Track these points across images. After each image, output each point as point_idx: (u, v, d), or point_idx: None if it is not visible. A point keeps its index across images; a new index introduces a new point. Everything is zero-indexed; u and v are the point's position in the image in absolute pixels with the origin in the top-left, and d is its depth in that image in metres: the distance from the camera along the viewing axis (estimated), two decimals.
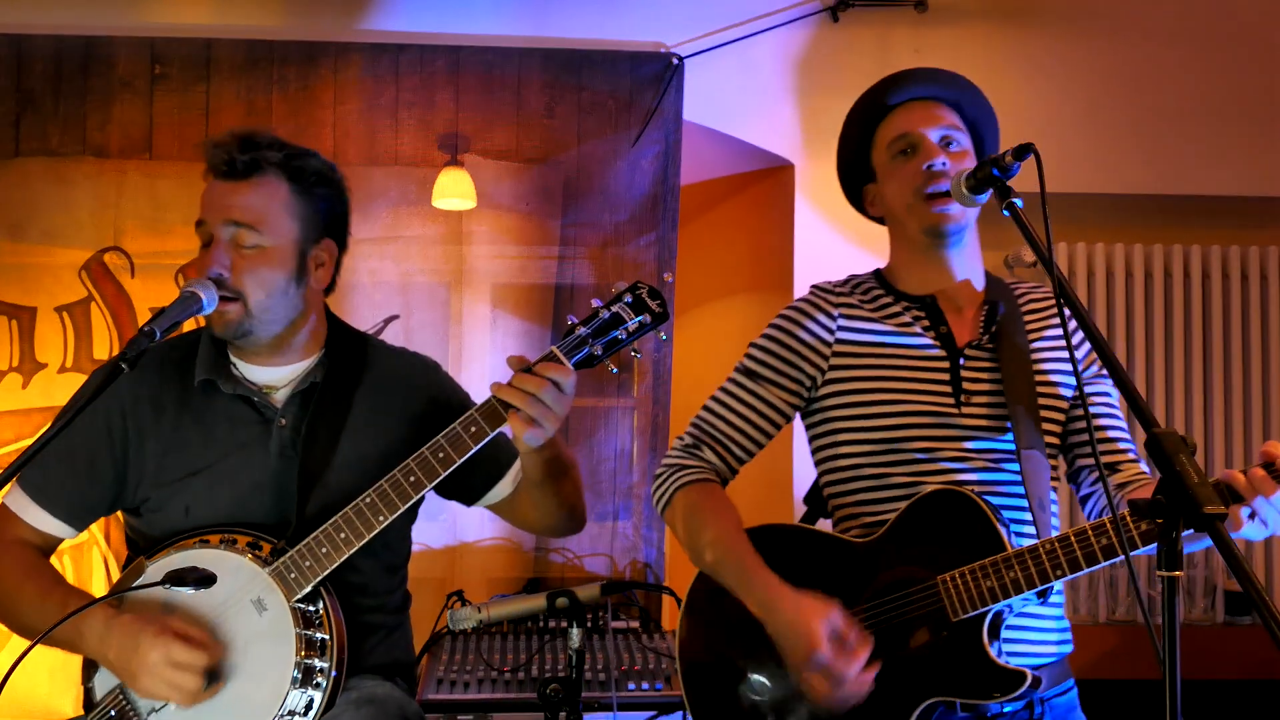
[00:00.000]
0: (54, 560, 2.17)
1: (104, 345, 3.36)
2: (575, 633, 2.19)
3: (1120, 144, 3.73)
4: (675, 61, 3.52)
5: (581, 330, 1.95)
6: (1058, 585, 1.93)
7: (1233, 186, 3.80)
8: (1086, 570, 1.79)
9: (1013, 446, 1.98)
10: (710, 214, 4.26)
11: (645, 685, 2.71)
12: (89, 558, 3.29)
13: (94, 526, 3.23)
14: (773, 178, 3.86)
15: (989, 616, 1.85)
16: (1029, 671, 1.83)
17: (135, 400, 2.08)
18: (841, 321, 2.08)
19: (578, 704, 2.17)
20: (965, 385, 2.01)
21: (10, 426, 3.30)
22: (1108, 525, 1.76)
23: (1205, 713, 3.27)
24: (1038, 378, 2.04)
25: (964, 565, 1.86)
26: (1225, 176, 3.79)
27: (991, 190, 1.82)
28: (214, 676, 1.92)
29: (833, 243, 3.65)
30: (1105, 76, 3.74)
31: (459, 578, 3.37)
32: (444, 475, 1.98)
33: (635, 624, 3.10)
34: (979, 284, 2.12)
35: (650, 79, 3.52)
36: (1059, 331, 2.08)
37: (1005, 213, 1.79)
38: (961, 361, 2.03)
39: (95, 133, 3.39)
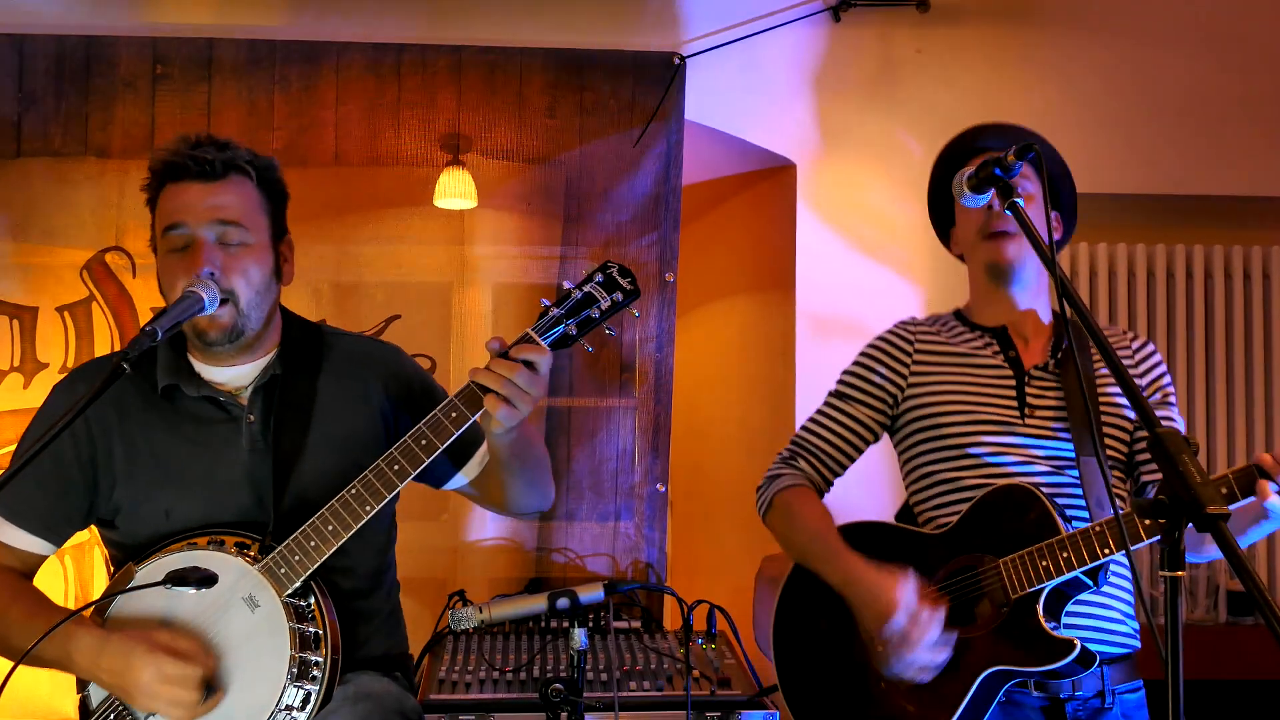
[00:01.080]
0: (54, 560, 2.17)
1: (105, 345, 3.36)
2: (577, 633, 2.19)
3: (1123, 144, 3.73)
4: (677, 61, 3.52)
5: (555, 311, 1.99)
6: (1117, 568, 2.18)
7: (1235, 186, 3.79)
8: (1132, 548, 1.96)
9: (1074, 454, 2.19)
10: (712, 214, 4.26)
11: (647, 685, 2.70)
12: (90, 558, 3.29)
13: (96, 527, 3.24)
14: (774, 178, 3.86)
15: (1045, 593, 2.07)
16: (1078, 641, 2.04)
17: (98, 408, 2.06)
18: (919, 345, 2.37)
19: (579, 704, 2.17)
20: (1029, 400, 2.26)
21: (11, 426, 3.30)
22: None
23: (1208, 712, 3.26)
24: (1102, 400, 2.25)
25: (1025, 549, 2.08)
26: (1228, 176, 3.78)
27: (994, 189, 1.84)
28: (211, 687, 1.92)
29: (834, 242, 3.65)
30: (1107, 76, 3.74)
31: (460, 578, 3.37)
32: (428, 461, 1.99)
33: (637, 624, 3.10)
34: (1045, 317, 2.36)
35: (652, 79, 3.52)
36: (1126, 362, 2.30)
37: (1008, 212, 1.80)
38: (1026, 380, 2.28)
39: (97, 133, 3.39)
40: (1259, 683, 3.59)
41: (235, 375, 2.13)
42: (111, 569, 2.17)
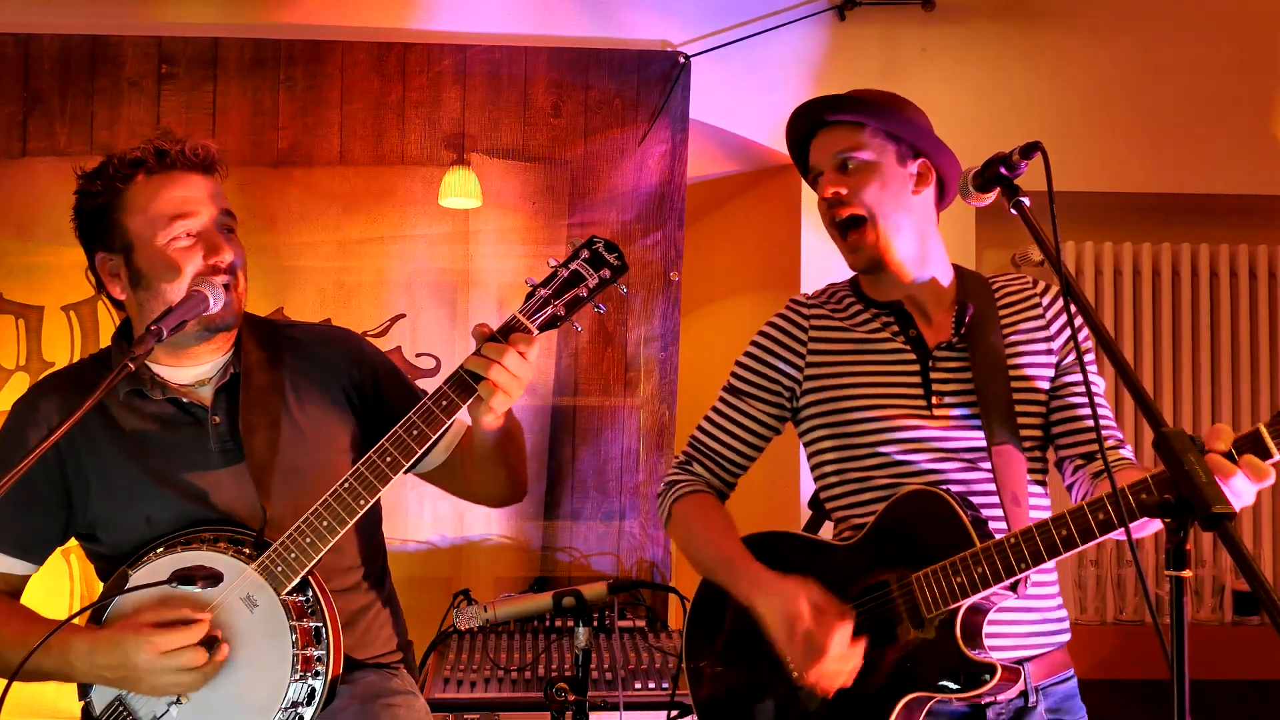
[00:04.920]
0: (59, 559, 2.16)
1: None
2: (582, 632, 2.19)
3: (1127, 142, 3.72)
4: (682, 60, 3.52)
5: (542, 292, 1.95)
6: (1042, 578, 1.99)
7: (1240, 185, 3.79)
8: (1050, 561, 1.82)
9: (986, 445, 2.02)
10: (716, 213, 4.25)
11: (652, 684, 2.71)
12: None
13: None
14: (779, 176, 3.85)
15: (961, 611, 1.89)
16: (998, 663, 1.87)
17: (62, 423, 2.04)
18: (813, 333, 2.15)
19: (584, 703, 2.17)
20: (935, 386, 2.05)
21: None
22: (1067, 516, 1.81)
23: (1213, 712, 3.26)
24: (1012, 373, 2.06)
25: (938, 562, 1.90)
26: (1232, 175, 3.78)
27: (999, 188, 1.83)
28: (213, 642, 1.89)
29: None
30: (1112, 75, 3.73)
31: (465, 577, 3.37)
32: (421, 452, 1.97)
33: (642, 623, 3.10)
34: (945, 281, 2.14)
35: (657, 78, 3.52)
36: (1037, 323, 2.10)
37: (1013, 211, 1.79)
38: (931, 364, 2.07)
39: (102, 132, 3.40)
40: (1265, 683, 3.59)
41: (193, 374, 2.08)
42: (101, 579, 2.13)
